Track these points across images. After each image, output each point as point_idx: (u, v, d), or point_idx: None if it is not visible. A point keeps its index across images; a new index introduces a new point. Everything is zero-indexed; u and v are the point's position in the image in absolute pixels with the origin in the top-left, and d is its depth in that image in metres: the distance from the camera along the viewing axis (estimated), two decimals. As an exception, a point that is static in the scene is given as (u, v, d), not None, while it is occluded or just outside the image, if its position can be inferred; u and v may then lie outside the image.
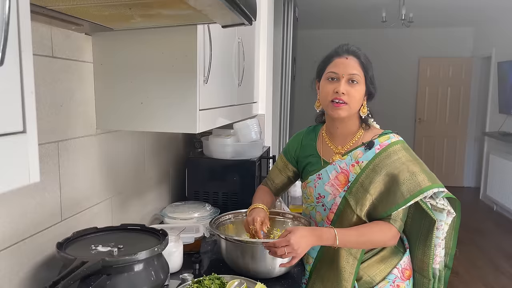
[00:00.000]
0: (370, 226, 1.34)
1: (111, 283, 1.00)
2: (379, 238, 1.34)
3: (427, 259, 1.42)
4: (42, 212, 1.13)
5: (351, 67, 1.34)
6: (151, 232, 1.23)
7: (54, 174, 1.17)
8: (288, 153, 1.58)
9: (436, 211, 1.38)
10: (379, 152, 1.35)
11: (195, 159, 2.02)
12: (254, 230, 1.38)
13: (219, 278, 1.20)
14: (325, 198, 1.42)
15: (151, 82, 1.30)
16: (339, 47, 1.39)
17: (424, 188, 1.29)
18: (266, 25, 2.49)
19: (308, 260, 1.48)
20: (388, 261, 1.42)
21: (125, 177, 1.60)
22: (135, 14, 1.04)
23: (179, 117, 1.29)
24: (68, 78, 1.22)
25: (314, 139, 1.51)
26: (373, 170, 1.34)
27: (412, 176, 1.30)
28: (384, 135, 1.40)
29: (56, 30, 1.16)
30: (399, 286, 1.41)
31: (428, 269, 1.42)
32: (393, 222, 1.32)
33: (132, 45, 1.30)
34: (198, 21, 1.19)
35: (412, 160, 1.35)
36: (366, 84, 1.36)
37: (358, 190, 1.35)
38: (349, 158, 1.39)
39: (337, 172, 1.39)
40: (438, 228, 1.39)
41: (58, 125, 1.18)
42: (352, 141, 1.41)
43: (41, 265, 1.13)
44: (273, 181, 1.62)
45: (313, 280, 1.45)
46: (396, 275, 1.41)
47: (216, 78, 1.47)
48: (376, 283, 1.39)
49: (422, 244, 1.43)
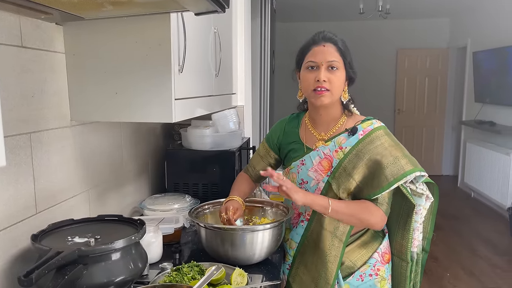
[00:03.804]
0: (358, 202, 1.36)
1: (88, 273, 1.00)
2: (365, 216, 1.35)
3: (406, 243, 1.45)
4: (16, 204, 1.12)
5: (329, 54, 1.35)
6: (129, 222, 1.22)
7: (27, 166, 1.16)
8: (270, 140, 1.58)
9: (415, 196, 1.41)
10: (362, 138, 1.37)
11: (174, 151, 2.02)
12: (226, 218, 1.41)
13: (198, 265, 1.21)
14: (308, 184, 1.43)
15: (125, 71, 1.28)
16: (315, 35, 1.41)
17: (407, 172, 1.32)
18: (244, 16, 2.48)
19: (292, 245, 1.50)
20: (368, 245, 1.44)
21: (103, 169, 1.58)
22: (106, 1, 1.02)
23: (154, 106, 1.28)
24: (39, 68, 1.20)
25: (297, 126, 1.52)
26: (356, 155, 1.36)
27: (395, 160, 1.33)
28: (367, 120, 1.42)
29: (25, 20, 1.13)
30: (379, 269, 1.44)
31: (407, 252, 1.45)
32: (380, 205, 1.35)
33: (105, 34, 1.28)
34: (170, 9, 1.18)
35: (394, 145, 1.37)
36: (346, 69, 1.38)
37: (341, 174, 1.37)
38: (333, 144, 1.40)
39: (320, 158, 1.41)
40: (417, 213, 1.42)
41: (30, 116, 1.16)
42: (335, 128, 1.43)
43: (16, 258, 1.12)
44: (254, 167, 1.62)
45: (297, 265, 1.47)
46: (376, 259, 1.44)
47: (192, 67, 1.46)
48: (357, 267, 1.42)
49: (402, 228, 1.46)
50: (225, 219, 1.42)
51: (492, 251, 4.01)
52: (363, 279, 1.43)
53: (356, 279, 1.42)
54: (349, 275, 1.42)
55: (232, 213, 1.42)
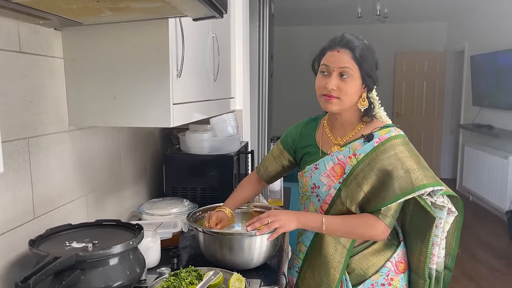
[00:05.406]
0: (355, 216, 1.32)
1: (86, 278, 1.00)
2: (363, 230, 1.32)
3: (423, 258, 1.37)
4: (14, 209, 1.12)
5: (342, 61, 1.29)
6: (126, 227, 1.22)
7: (25, 171, 1.16)
8: (285, 141, 1.54)
9: (436, 208, 1.34)
10: (377, 146, 1.31)
11: (173, 155, 2.02)
12: (208, 226, 1.41)
13: (196, 270, 1.21)
14: (319, 189, 1.40)
15: (123, 76, 1.29)
16: (332, 39, 1.34)
17: (417, 187, 1.26)
18: (242, 20, 2.49)
19: (301, 249, 1.47)
20: (381, 254, 1.39)
21: (101, 174, 1.58)
22: (104, 7, 1.03)
23: (153, 111, 1.29)
24: (38, 73, 1.20)
25: (314, 128, 1.48)
26: (369, 164, 1.31)
27: (406, 173, 1.27)
28: (385, 128, 1.36)
29: (23, 25, 1.14)
30: (393, 279, 1.38)
31: (424, 268, 1.37)
32: (382, 217, 1.29)
33: (103, 39, 1.29)
34: (169, 14, 1.19)
35: (410, 156, 1.31)
36: (362, 78, 1.31)
37: (352, 182, 1.32)
38: (347, 150, 1.36)
39: (334, 163, 1.37)
40: (437, 226, 1.35)
41: (28, 121, 1.17)
42: (352, 133, 1.38)
43: (13, 263, 1.11)
44: (267, 168, 1.59)
45: (305, 268, 1.44)
46: (389, 268, 1.38)
47: (190, 72, 1.47)
48: (368, 276, 1.37)
49: (420, 242, 1.38)
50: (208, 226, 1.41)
51: (490, 255, 4.01)
52: None
53: None
54: (359, 283, 1.38)
55: (214, 223, 1.41)
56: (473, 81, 5.75)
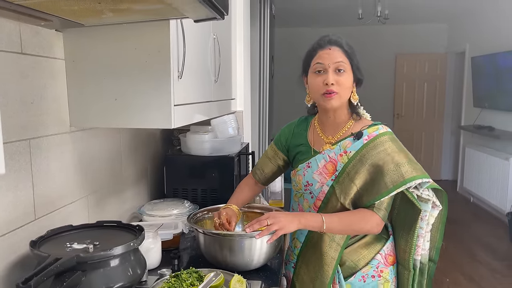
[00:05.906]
0: (352, 213, 1.36)
1: (87, 279, 1.00)
2: (360, 226, 1.36)
3: (408, 249, 1.43)
4: (15, 210, 1.12)
5: (336, 57, 1.36)
6: (127, 228, 1.22)
7: (26, 172, 1.16)
8: (279, 141, 1.58)
9: (421, 201, 1.39)
10: (366, 143, 1.37)
11: (173, 156, 2.02)
12: (219, 223, 1.42)
13: (197, 272, 1.21)
14: (312, 186, 1.44)
15: (124, 78, 1.29)
16: (320, 39, 1.41)
17: (407, 179, 1.31)
18: (242, 22, 2.49)
19: (296, 245, 1.51)
20: (371, 246, 1.44)
21: (102, 175, 1.58)
22: (105, 8, 1.03)
23: (154, 112, 1.29)
24: (39, 75, 1.21)
25: (306, 128, 1.53)
26: (360, 160, 1.36)
27: (396, 167, 1.32)
28: (374, 126, 1.42)
29: (24, 26, 1.14)
30: (383, 271, 1.43)
31: (409, 259, 1.43)
32: (377, 210, 1.35)
33: (105, 41, 1.29)
34: (170, 16, 1.19)
35: (398, 151, 1.36)
36: (353, 71, 1.39)
37: (345, 179, 1.37)
38: (338, 148, 1.41)
39: (325, 161, 1.41)
40: (422, 219, 1.40)
41: (29, 123, 1.17)
42: (342, 131, 1.43)
43: (14, 264, 1.11)
44: (263, 170, 1.62)
45: (300, 264, 1.48)
46: (379, 260, 1.43)
47: (191, 73, 1.47)
48: (359, 268, 1.42)
49: (406, 233, 1.44)
50: (217, 223, 1.43)
51: (491, 256, 4.01)
52: (365, 280, 1.42)
53: (358, 279, 1.42)
54: (350, 275, 1.42)
55: (225, 218, 1.43)
56: (474, 83, 5.75)
